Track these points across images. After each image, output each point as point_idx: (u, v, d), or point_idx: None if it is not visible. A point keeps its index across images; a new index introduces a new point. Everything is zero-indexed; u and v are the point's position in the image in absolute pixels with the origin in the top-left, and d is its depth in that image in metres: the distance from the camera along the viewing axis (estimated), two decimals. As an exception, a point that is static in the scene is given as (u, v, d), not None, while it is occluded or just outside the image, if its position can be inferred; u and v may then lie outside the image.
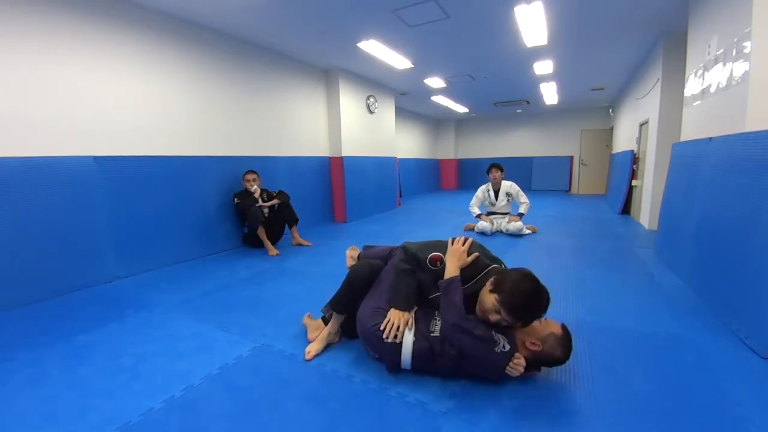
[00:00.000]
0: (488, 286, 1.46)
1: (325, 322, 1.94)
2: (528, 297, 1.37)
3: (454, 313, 1.43)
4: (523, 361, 1.41)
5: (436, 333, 1.51)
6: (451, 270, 1.54)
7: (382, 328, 1.51)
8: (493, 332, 1.41)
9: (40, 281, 2.60)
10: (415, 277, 1.62)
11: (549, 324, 1.48)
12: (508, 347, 1.40)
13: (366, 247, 2.16)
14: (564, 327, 1.48)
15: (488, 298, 1.44)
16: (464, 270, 1.57)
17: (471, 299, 1.53)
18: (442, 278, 1.54)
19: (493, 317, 1.42)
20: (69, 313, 2.37)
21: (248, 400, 1.44)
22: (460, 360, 1.46)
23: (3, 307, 2.41)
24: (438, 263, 1.60)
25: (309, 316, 2.11)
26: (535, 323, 1.47)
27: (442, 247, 1.65)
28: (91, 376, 1.63)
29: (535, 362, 1.47)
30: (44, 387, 1.56)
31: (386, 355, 1.56)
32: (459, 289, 1.50)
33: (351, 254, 2.21)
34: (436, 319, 1.57)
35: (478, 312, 1.51)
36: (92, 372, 1.66)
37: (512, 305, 1.37)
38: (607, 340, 1.86)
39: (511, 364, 1.39)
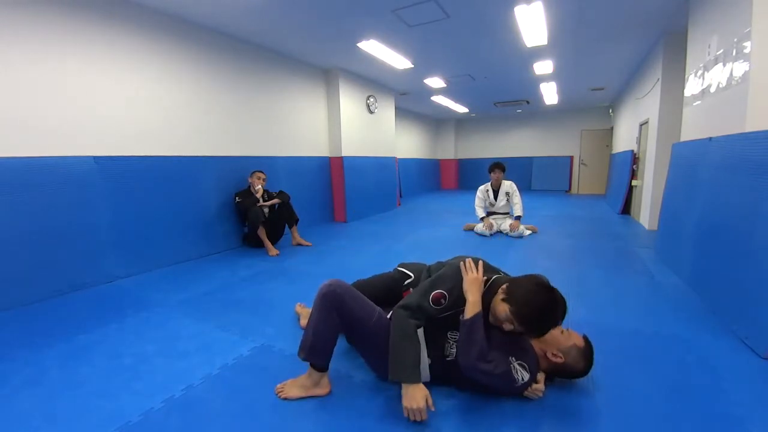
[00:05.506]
0: (500, 294, 1.36)
1: None
2: (542, 309, 1.27)
3: (475, 352, 1.28)
4: (542, 386, 1.39)
5: (452, 357, 1.40)
6: (474, 304, 1.35)
7: (405, 415, 1.29)
8: (511, 367, 1.32)
9: (40, 281, 2.59)
10: (416, 338, 1.38)
11: (571, 335, 1.44)
12: (527, 377, 1.34)
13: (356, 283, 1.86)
14: (586, 339, 1.46)
15: (501, 308, 1.34)
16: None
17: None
18: (462, 313, 1.36)
19: (507, 327, 1.34)
20: (69, 313, 2.37)
21: (248, 400, 1.44)
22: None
23: (3, 307, 2.41)
24: (443, 300, 1.41)
25: (302, 305, 2.19)
26: (557, 333, 1.42)
27: (448, 277, 1.46)
28: (91, 376, 1.63)
29: (555, 373, 1.46)
30: (44, 387, 1.56)
31: None
32: (482, 325, 1.33)
33: (302, 312, 2.10)
34: (449, 342, 1.44)
35: (491, 320, 1.41)
36: (92, 372, 1.66)
37: (525, 316, 1.27)
38: (608, 339, 1.86)
39: (530, 389, 1.37)
